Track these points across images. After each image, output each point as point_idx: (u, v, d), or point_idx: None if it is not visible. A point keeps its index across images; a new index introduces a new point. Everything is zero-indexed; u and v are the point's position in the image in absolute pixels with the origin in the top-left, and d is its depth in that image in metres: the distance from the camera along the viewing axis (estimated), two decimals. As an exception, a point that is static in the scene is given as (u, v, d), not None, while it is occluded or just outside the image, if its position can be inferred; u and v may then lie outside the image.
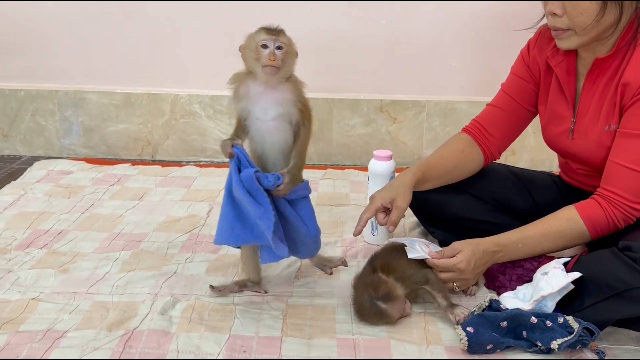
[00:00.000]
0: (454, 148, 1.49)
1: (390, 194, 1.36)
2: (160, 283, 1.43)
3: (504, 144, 1.52)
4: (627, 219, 1.25)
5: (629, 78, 1.23)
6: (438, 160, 1.47)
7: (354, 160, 2.40)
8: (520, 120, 1.50)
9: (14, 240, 1.65)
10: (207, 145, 2.42)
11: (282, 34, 1.27)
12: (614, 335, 1.24)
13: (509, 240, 1.32)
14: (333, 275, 1.49)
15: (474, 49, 2.29)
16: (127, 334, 1.23)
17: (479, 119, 1.52)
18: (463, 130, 1.54)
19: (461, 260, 1.27)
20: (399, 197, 1.35)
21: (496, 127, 1.49)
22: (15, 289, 1.40)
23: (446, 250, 1.31)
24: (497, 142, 1.50)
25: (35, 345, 1.20)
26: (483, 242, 1.31)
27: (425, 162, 1.46)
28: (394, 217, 1.33)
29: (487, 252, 1.30)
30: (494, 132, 1.49)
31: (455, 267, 1.28)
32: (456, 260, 1.27)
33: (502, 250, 1.31)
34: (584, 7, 1.21)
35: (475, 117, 1.54)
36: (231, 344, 1.21)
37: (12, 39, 2.35)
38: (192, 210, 1.88)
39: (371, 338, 1.23)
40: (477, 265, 1.29)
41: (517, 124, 1.50)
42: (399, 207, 1.34)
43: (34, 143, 2.44)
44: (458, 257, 1.28)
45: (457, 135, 1.54)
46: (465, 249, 1.29)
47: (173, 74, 2.37)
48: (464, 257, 1.27)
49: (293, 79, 1.30)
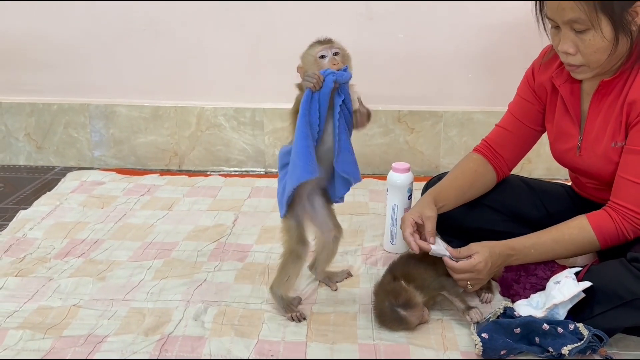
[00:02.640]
0: (467, 168, 1.55)
1: (416, 209, 1.42)
2: (192, 290, 1.50)
3: (514, 162, 1.58)
4: (636, 230, 1.29)
5: (634, 97, 1.27)
6: (453, 181, 1.53)
7: (373, 169, 2.47)
8: (528, 140, 1.56)
9: (53, 250, 1.73)
10: (231, 156, 2.50)
11: (334, 42, 1.31)
12: (624, 342, 1.29)
13: (522, 245, 1.36)
14: (354, 284, 1.55)
15: (489, 61, 2.33)
16: (163, 338, 1.31)
17: (488, 140, 1.58)
18: (475, 150, 1.60)
19: (480, 261, 1.31)
20: (425, 210, 1.41)
21: (505, 148, 1.55)
22: (56, 296, 1.48)
23: (463, 250, 1.35)
24: (508, 161, 1.57)
25: (78, 350, 1.27)
26: (498, 245, 1.36)
27: (441, 185, 1.52)
28: (429, 227, 1.39)
29: (502, 254, 1.35)
30: (503, 153, 1.56)
31: (474, 269, 1.32)
32: (475, 262, 1.32)
33: (516, 254, 1.36)
34: (598, 45, 1.24)
35: (484, 138, 1.60)
36: (259, 349, 1.28)
37: (46, 56, 2.45)
38: (218, 219, 1.95)
39: (391, 343, 1.30)
40: (492, 267, 1.34)
41: (526, 143, 1.56)
42: (429, 216, 1.40)
43: (66, 154, 2.54)
44: (476, 258, 1.32)
45: (469, 155, 1.59)
46: (482, 251, 1.33)
47: (199, 88, 2.45)
48: (482, 258, 1.32)
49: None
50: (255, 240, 1.80)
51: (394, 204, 1.68)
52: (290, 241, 1.37)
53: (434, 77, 2.38)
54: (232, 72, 2.42)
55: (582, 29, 1.23)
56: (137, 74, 2.45)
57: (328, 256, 1.51)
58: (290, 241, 1.37)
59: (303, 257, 1.38)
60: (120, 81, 2.47)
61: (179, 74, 2.44)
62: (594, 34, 1.22)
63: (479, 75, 2.36)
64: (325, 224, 1.45)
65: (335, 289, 1.53)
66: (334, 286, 1.53)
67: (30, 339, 1.31)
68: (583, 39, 1.24)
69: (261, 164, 2.50)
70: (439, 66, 2.36)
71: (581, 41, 1.25)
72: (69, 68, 2.47)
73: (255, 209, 2.04)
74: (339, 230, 1.48)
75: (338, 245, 1.50)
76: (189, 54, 2.41)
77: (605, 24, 1.21)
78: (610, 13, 1.20)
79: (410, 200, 1.70)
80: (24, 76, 2.49)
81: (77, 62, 2.45)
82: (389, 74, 2.38)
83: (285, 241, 1.39)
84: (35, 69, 2.48)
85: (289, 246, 1.38)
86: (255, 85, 2.43)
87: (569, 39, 1.26)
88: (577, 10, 1.20)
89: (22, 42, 2.44)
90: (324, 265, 1.53)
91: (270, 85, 2.34)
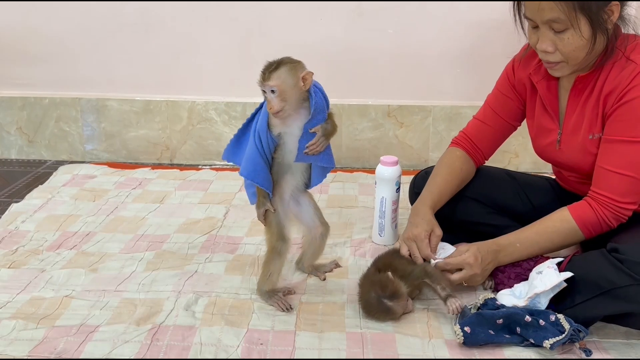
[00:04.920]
0: (455, 168, 1.58)
1: (427, 227, 1.46)
2: (183, 281, 1.53)
3: (490, 154, 1.63)
4: (618, 217, 1.33)
5: (610, 89, 1.30)
6: (446, 186, 1.56)
7: (363, 163, 2.49)
8: (505, 133, 1.60)
9: (45, 242, 1.75)
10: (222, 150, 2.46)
11: (271, 76, 1.24)
12: (604, 330, 1.32)
13: (507, 240, 1.41)
14: (343, 275, 1.58)
15: (477, 57, 2.37)
16: (154, 328, 1.33)
17: (467, 133, 1.62)
18: (455, 143, 1.63)
19: (469, 255, 1.37)
20: (435, 228, 1.47)
21: (484, 142, 1.60)
22: (49, 287, 1.50)
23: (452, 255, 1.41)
24: (485, 153, 1.62)
25: (71, 339, 1.29)
26: (485, 243, 1.42)
27: (437, 192, 1.55)
28: (434, 243, 1.45)
29: (490, 251, 1.40)
30: (482, 146, 1.60)
31: (464, 263, 1.37)
32: (465, 256, 1.37)
33: (502, 249, 1.40)
34: (576, 44, 1.26)
35: (463, 130, 1.63)
36: (249, 337, 1.30)
37: (38, 50, 2.46)
38: (209, 212, 1.98)
39: (378, 332, 1.33)
40: (484, 262, 1.38)
41: (503, 136, 1.61)
42: (438, 235, 1.46)
43: (58, 148, 2.56)
44: (465, 254, 1.37)
45: (452, 152, 1.62)
46: (471, 248, 1.39)
47: (190, 82, 2.47)
48: (471, 253, 1.37)
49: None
50: (246, 233, 1.83)
51: (382, 197, 1.71)
52: (272, 238, 1.40)
53: (423, 72, 2.41)
54: (223, 66, 2.43)
55: (561, 29, 1.25)
56: (128, 68, 2.46)
57: (315, 253, 1.54)
58: (271, 238, 1.40)
59: (283, 254, 1.41)
60: (111, 75, 2.48)
61: (170, 68, 2.45)
62: (572, 33, 1.25)
63: (467, 70, 2.39)
64: (312, 221, 1.49)
65: (324, 278, 1.55)
66: (322, 276, 1.56)
67: (23, 329, 1.32)
68: (562, 38, 1.26)
69: (252, 158, 2.52)
70: (428, 62, 2.39)
71: (560, 40, 1.27)
72: (60, 62, 2.48)
73: (246, 202, 2.00)
74: (325, 228, 1.51)
75: (325, 242, 1.53)
76: (180, 48, 2.42)
77: (583, 23, 1.23)
78: (588, 13, 1.22)
79: (398, 193, 1.73)
80: (15, 70, 2.50)
81: (68, 56, 2.46)
82: (379, 69, 2.41)
83: (267, 239, 1.42)
84: (26, 63, 2.49)
85: (270, 243, 1.41)
86: (246, 80, 2.39)
87: (548, 38, 1.28)
88: (556, 10, 1.23)
89: (14, 36, 2.44)
90: (310, 261, 1.56)
91: (261, 79, 2.36)
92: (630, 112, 1.27)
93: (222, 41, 2.40)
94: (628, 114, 1.28)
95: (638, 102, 1.26)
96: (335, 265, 1.61)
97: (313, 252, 1.54)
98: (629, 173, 1.30)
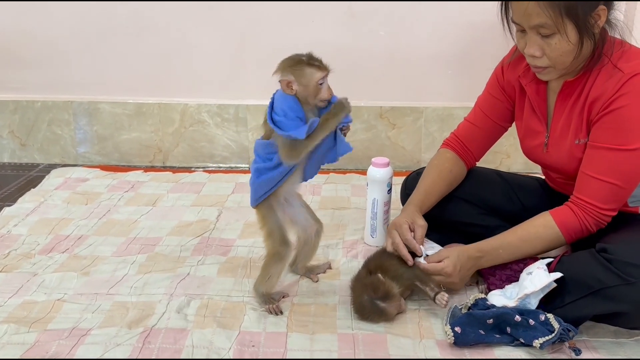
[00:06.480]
0: (444, 169, 1.59)
1: (408, 217, 1.47)
2: (175, 284, 1.53)
3: (480, 155, 1.64)
4: (598, 223, 1.34)
5: (595, 95, 1.31)
6: (433, 187, 1.57)
7: (355, 164, 2.50)
8: (495, 135, 1.61)
9: (37, 246, 1.75)
10: (215, 152, 2.53)
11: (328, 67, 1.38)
12: (594, 329, 1.33)
13: (490, 246, 1.41)
14: (335, 276, 1.59)
15: (469, 58, 2.37)
16: (146, 331, 1.33)
17: (458, 135, 1.63)
18: (446, 145, 1.64)
19: (448, 265, 1.38)
20: (416, 219, 1.47)
21: (474, 143, 1.61)
22: (41, 291, 1.50)
23: (432, 257, 1.41)
24: (476, 154, 1.63)
25: (62, 342, 1.29)
26: (467, 248, 1.42)
27: (424, 192, 1.55)
28: (419, 234, 1.45)
29: (471, 257, 1.40)
30: (473, 148, 1.61)
31: (442, 272, 1.38)
32: (443, 265, 1.38)
33: (485, 255, 1.41)
34: (563, 49, 1.26)
35: (454, 132, 1.64)
36: (241, 339, 1.30)
37: (30, 54, 2.45)
38: (202, 215, 1.98)
39: (369, 333, 1.33)
40: (462, 270, 1.39)
41: (493, 138, 1.62)
42: (421, 225, 1.46)
43: (50, 151, 2.55)
44: (445, 262, 1.38)
45: (442, 153, 1.63)
46: (451, 256, 1.39)
47: (182, 84, 2.47)
48: (450, 262, 1.38)
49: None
50: (239, 235, 1.83)
51: (374, 198, 1.72)
52: (274, 244, 1.40)
53: (415, 73, 2.42)
54: (215, 68, 2.44)
55: (548, 34, 1.26)
56: (120, 71, 2.46)
57: (310, 251, 1.55)
58: (274, 244, 1.40)
59: (286, 257, 1.42)
60: (103, 78, 2.48)
61: (162, 70, 2.46)
62: (559, 38, 1.26)
63: (459, 71, 2.40)
64: (307, 220, 1.50)
65: (317, 280, 1.56)
66: (315, 277, 1.57)
67: (15, 333, 1.32)
68: (549, 42, 1.27)
69: (245, 160, 2.53)
70: (420, 63, 2.40)
71: (547, 45, 1.28)
72: (52, 65, 2.47)
73: (239, 204, 2.07)
74: (320, 225, 1.52)
75: (319, 240, 1.54)
76: (172, 51, 2.43)
77: (570, 28, 1.24)
78: (575, 18, 1.23)
79: (390, 195, 1.73)
80: (7, 73, 2.50)
81: (60, 59, 2.46)
82: (371, 70, 2.42)
83: (268, 245, 1.42)
84: (18, 66, 2.48)
85: (272, 248, 1.41)
86: (239, 82, 2.46)
87: (535, 43, 1.29)
88: (543, 15, 1.23)
89: (6, 40, 2.44)
90: (305, 261, 1.57)
91: (254, 82, 2.36)
92: (616, 121, 1.28)
93: (214, 43, 2.40)
94: (614, 122, 1.29)
95: (624, 110, 1.27)
96: (328, 267, 1.62)
97: (308, 252, 1.54)
98: (611, 180, 1.31)
